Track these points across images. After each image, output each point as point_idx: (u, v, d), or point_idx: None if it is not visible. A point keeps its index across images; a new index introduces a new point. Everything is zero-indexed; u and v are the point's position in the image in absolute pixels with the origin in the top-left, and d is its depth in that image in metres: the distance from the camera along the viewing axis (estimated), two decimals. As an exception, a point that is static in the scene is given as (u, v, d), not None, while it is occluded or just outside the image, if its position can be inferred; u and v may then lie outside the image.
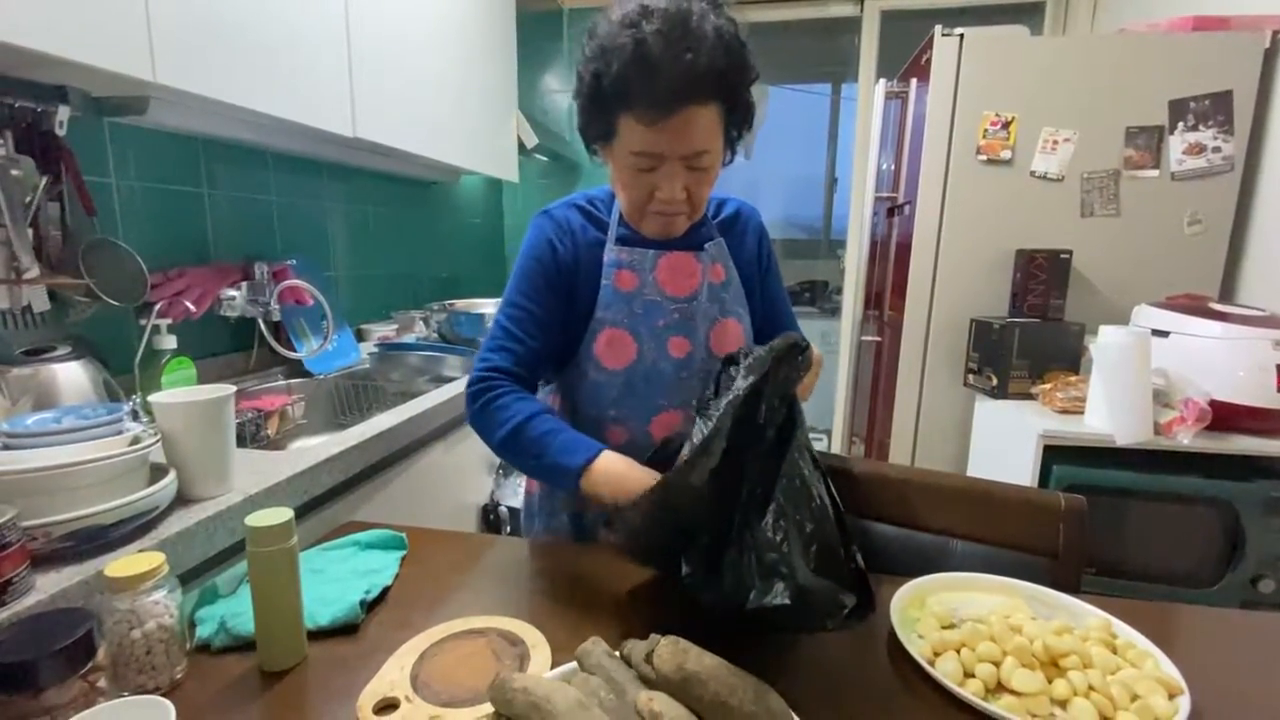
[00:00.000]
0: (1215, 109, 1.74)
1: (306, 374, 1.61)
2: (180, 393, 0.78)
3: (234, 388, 0.79)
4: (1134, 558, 1.45)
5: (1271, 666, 0.64)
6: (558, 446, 0.75)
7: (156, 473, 0.74)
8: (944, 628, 0.66)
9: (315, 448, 0.95)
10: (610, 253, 0.90)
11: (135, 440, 0.71)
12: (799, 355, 0.71)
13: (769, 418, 0.66)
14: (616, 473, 0.72)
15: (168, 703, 0.43)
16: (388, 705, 0.55)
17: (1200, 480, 1.40)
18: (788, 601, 0.54)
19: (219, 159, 1.48)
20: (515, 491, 1.63)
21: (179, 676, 0.59)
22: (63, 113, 1.08)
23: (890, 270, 2.28)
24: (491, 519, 1.59)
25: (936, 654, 0.62)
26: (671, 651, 0.49)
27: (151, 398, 0.74)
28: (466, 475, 1.44)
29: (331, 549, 0.82)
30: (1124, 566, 1.46)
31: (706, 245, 0.94)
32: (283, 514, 0.60)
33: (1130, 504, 1.43)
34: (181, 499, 0.76)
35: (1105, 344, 1.44)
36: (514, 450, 0.79)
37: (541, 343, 0.87)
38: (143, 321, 1.19)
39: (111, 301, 1.11)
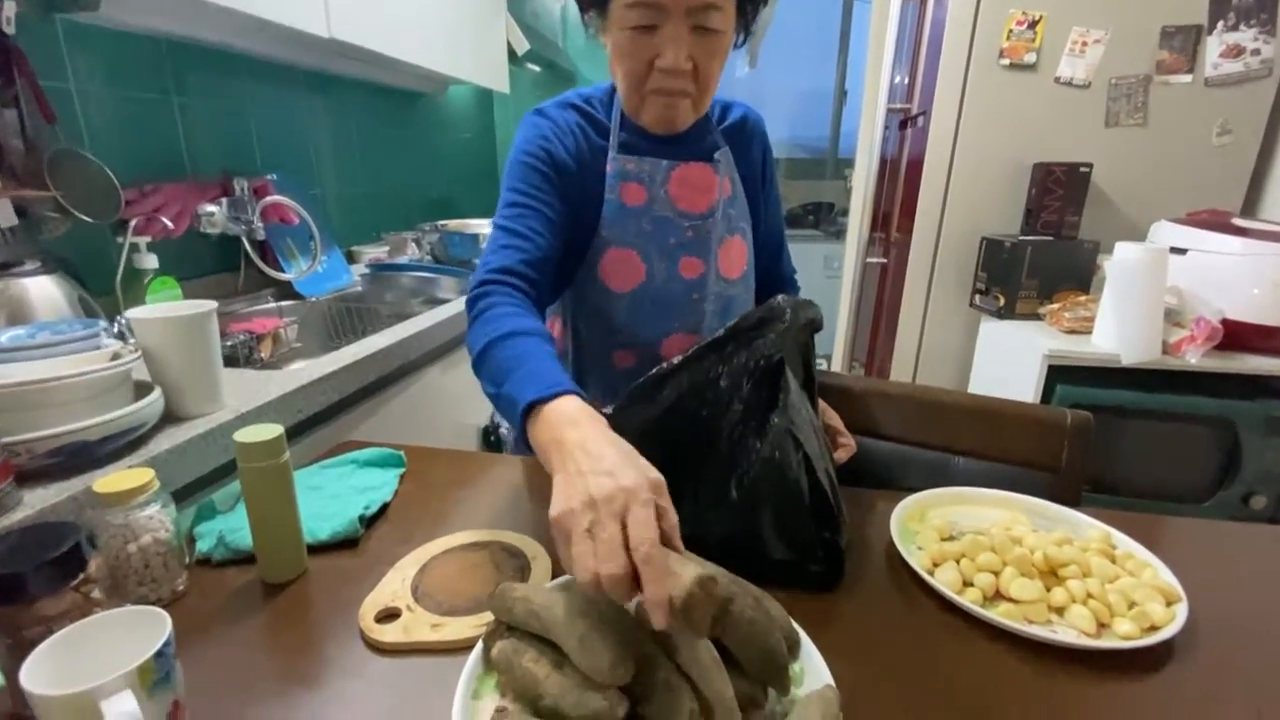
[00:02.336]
0: (1260, 5, 1.61)
1: (298, 296, 1.57)
2: (160, 308, 0.75)
3: (214, 303, 0.76)
4: (1129, 475, 1.47)
5: (1267, 577, 0.64)
6: (522, 375, 0.57)
7: (142, 390, 0.72)
8: (944, 540, 0.66)
9: (308, 368, 0.93)
10: (614, 162, 0.81)
11: (115, 356, 0.69)
12: (811, 330, 0.68)
13: (731, 388, 0.62)
14: (563, 422, 0.51)
15: (163, 613, 0.43)
16: (389, 615, 0.55)
17: (1202, 399, 1.39)
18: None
19: (188, 64, 1.38)
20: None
21: (181, 589, 0.59)
22: (8, 8, 0.98)
23: (899, 190, 2.20)
24: (492, 440, 1.59)
25: (936, 565, 0.62)
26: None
27: (129, 313, 0.71)
28: (465, 397, 1.43)
29: (329, 466, 0.81)
30: (1118, 483, 1.48)
31: (715, 155, 0.87)
32: (272, 430, 0.58)
33: (1129, 423, 1.43)
34: (171, 417, 0.75)
35: (1120, 261, 1.39)
36: (481, 373, 0.64)
37: (551, 242, 0.74)
38: (120, 240, 1.15)
39: (83, 217, 1.06)
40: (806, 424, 0.63)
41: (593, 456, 0.45)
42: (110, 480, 0.55)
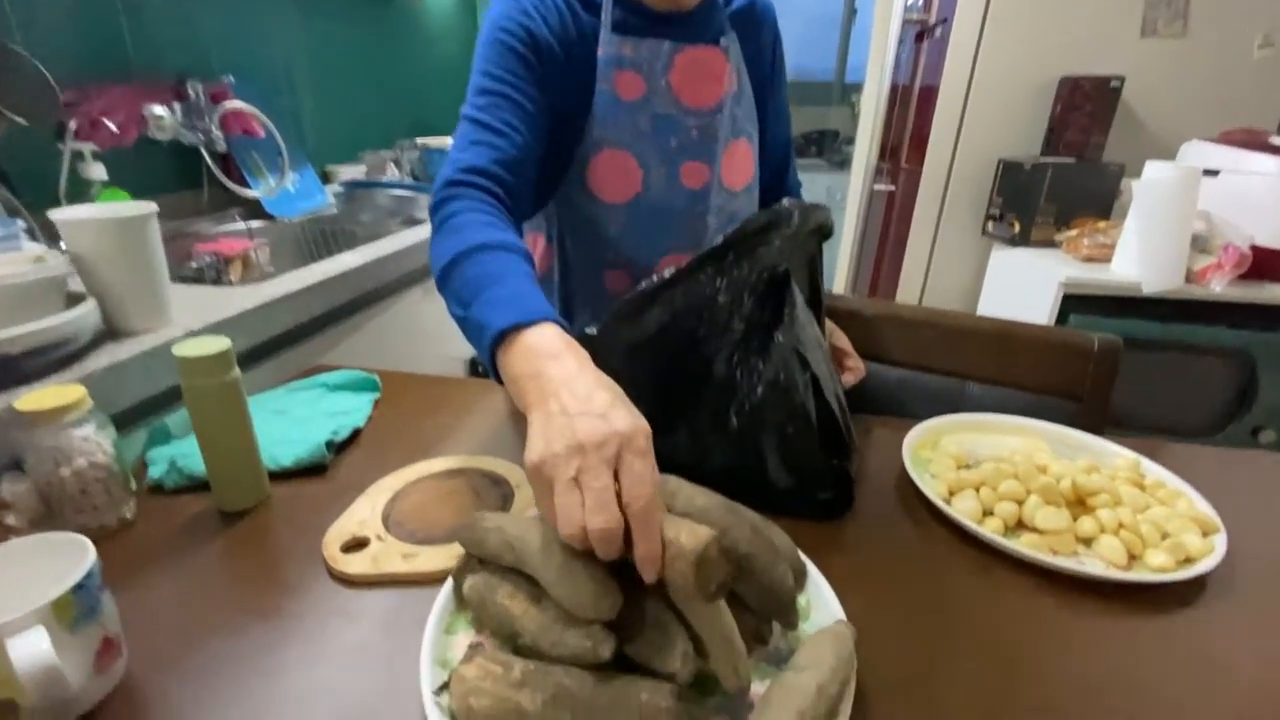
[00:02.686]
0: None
1: (268, 217, 1.47)
2: (92, 208, 0.66)
3: (154, 205, 0.67)
4: (1134, 408, 1.44)
5: (1305, 506, 0.60)
6: (493, 296, 0.48)
7: (74, 302, 0.65)
8: (960, 468, 0.61)
9: (270, 286, 0.85)
10: (607, 45, 0.70)
11: (39, 260, 0.61)
12: (820, 237, 0.60)
13: (731, 304, 0.55)
14: (542, 354, 0.43)
15: (84, 539, 0.37)
16: (357, 544, 0.51)
17: (1220, 330, 1.34)
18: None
19: (126, -53, 1.23)
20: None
21: (129, 516, 0.54)
22: None
23: (910, 118, 2.06)
24: (480, 372, 1.54)
25: (952, 493, 0.58)
26: (664, 483, 0.43)
27: (55, 213, 0.63)
28: (448, 324, 1.35)
29: (296, 390, 0.75)
30: (1122, 417, 1.45)
31: (721, 39, 0.76)
32: (218, 343, 0.51)
33: (1141, 355, 1.38)
34: (112, 334, 0.68)
35: (1149, 181, 1.30)
36: (445, 291, 0.55)
37: (529, 140, 0.64)
38: (61, 146, 1.04)
39: (15, 118, 0.95)
40: (814, 343, 0.57)
41: (579, 396, 0.38)
42: (35, 397, 0.49)
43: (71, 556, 0.38)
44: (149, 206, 0.67)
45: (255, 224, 1.43)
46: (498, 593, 0.40)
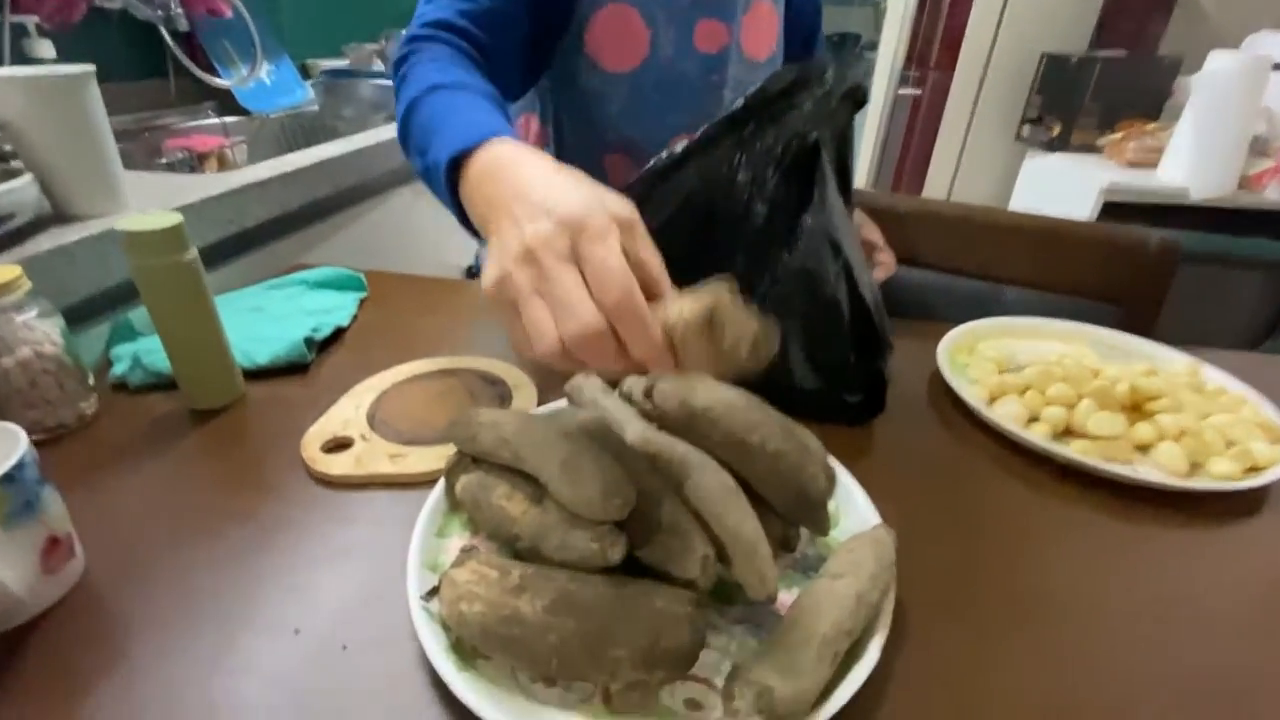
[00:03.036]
0: None
1: (244, 113, 1.35)
2: (18, 69, 0.58)
3: (92, 66, 0.59)
4: (1166, 323, 1.37)
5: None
6: (447, 131, 0.40)
7: (8, 177, 0.57)
8: (1001, 373, 0.56)
9: (241, 174, 0.77)
10: None
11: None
12: (853, 105, 0.50)
13: (752, 183, 0.47)
14: (493, 171, 0.35)
15: (17, 428, 0.32)
16: (339, 445, 0.46)
17: (1265, 242, 1.25)
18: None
19: None
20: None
21: (89, 413, 0.49)
22: None
23: (941, 19, 1.87)
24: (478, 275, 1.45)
25: (993, 399, 0.53)
26: (675, 385, 0.38)
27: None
28: (444, 228, 1.26)
29: (274, 287, 0.69)
30: (1157, 331, 1.38)
31: None
32: (169, 218, 0.45)
33: (1180, 268, 1.30)
34: (59, 218, 0.61)
35: (1211, 74, 1.18)
36: (408, 147, 0.47)
37: None
38: None
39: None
40: (846, 227, 0.50)
41: (532, 201, 0.30)
42: (-37, 279, 0.43)
43: (4, 448, 0.33)
44: (85, 67, 0.58)
45: (231, 119, 1.32)
46: (493, 493, 0.36)
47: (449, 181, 0.38)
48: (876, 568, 0.32)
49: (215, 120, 1.30)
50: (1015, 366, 0.57)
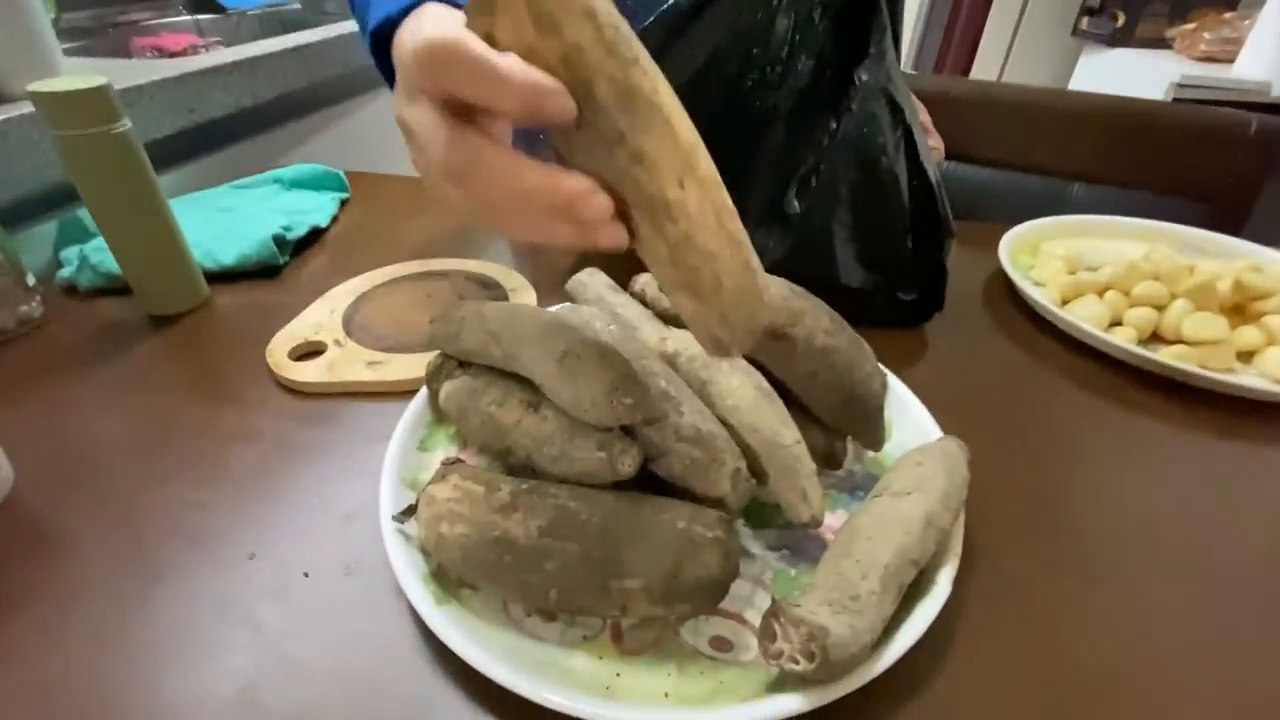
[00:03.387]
0: None
1: (219, 10, 1.23)
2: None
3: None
4: (1260, 225, 1.26)
5: None
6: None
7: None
8: (1073, 273, 0.48)
9: (204, 58, 0.68)
10: None
11: None
12: None
13: (794, 31, 0.38)
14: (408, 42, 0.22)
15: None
16: (311, 352, 0.40)
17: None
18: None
19: None
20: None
21: (34, 315, 0.44)
22: None
23: None
24: None
25: (1066, 301, 0.46)
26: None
27: None
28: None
29: (243, 187, 0.62)
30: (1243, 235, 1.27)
31: None
32: (91, 79, 0.37)
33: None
34: (-11, 99, 0.54)
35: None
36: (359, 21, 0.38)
37: None
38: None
39: None
40: (904, 86, 0.42)
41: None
42: None
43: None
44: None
45: (204, 17, 1.20)
46: (482, 400, 0.30)
47: (377, 59, 0.31)
48: (948, 485, 0.26)
49: (187, 18, 1.19)
50: (1087, 269, 0.50)
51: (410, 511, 0.27)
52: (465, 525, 0.24)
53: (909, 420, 0.33)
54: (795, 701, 0.21)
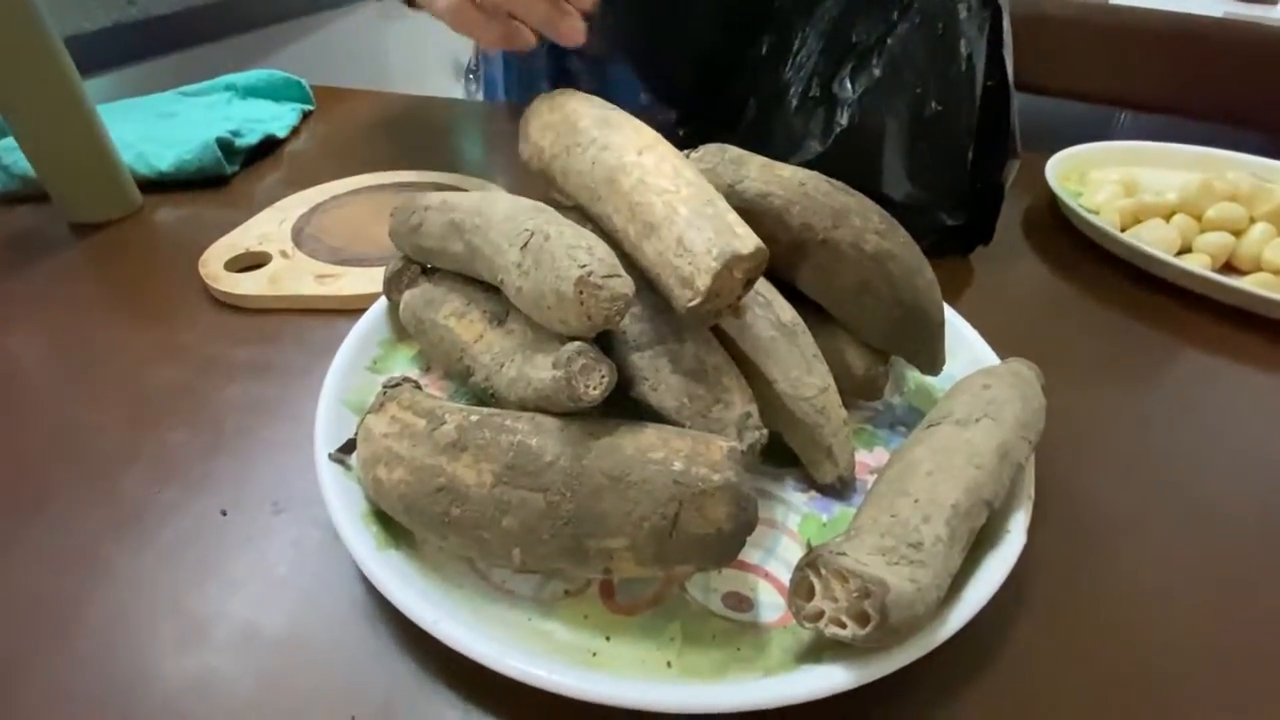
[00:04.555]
0: None
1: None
2: None
3: None
4: None
5: None
6: None
7: None
8: (1132, 197, 0.43)
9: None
10: None
11: None
12: None
13: None
14: None
15: None
16: (254, 265, 0.35)
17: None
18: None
19: None
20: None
21: (-68, 224, 0.38)
22: None
23: None
24: (471, 78, 1.24)
25: (1125, 227, 0.40)
26: (718, 155, 0.25)
27: None
28: (419, 52, 1.06)
29: (192, 94, 0.55)
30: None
31: None
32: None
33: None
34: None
35: None
36: None
37: None
38: None
39: None
40: None
41: None
42: None
43: None
44: None
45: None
46: (441, 310, 0.25)
47: None
48: (1024, 411, 0.21)
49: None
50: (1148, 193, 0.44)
51: (350, 447, 0.22)
52: (405, 470, 0.19)
53: (963, 346, 0.28)
54: (837, 676, 0.16)
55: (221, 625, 0.19)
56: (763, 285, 0.24)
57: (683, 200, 0.20)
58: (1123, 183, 0.44)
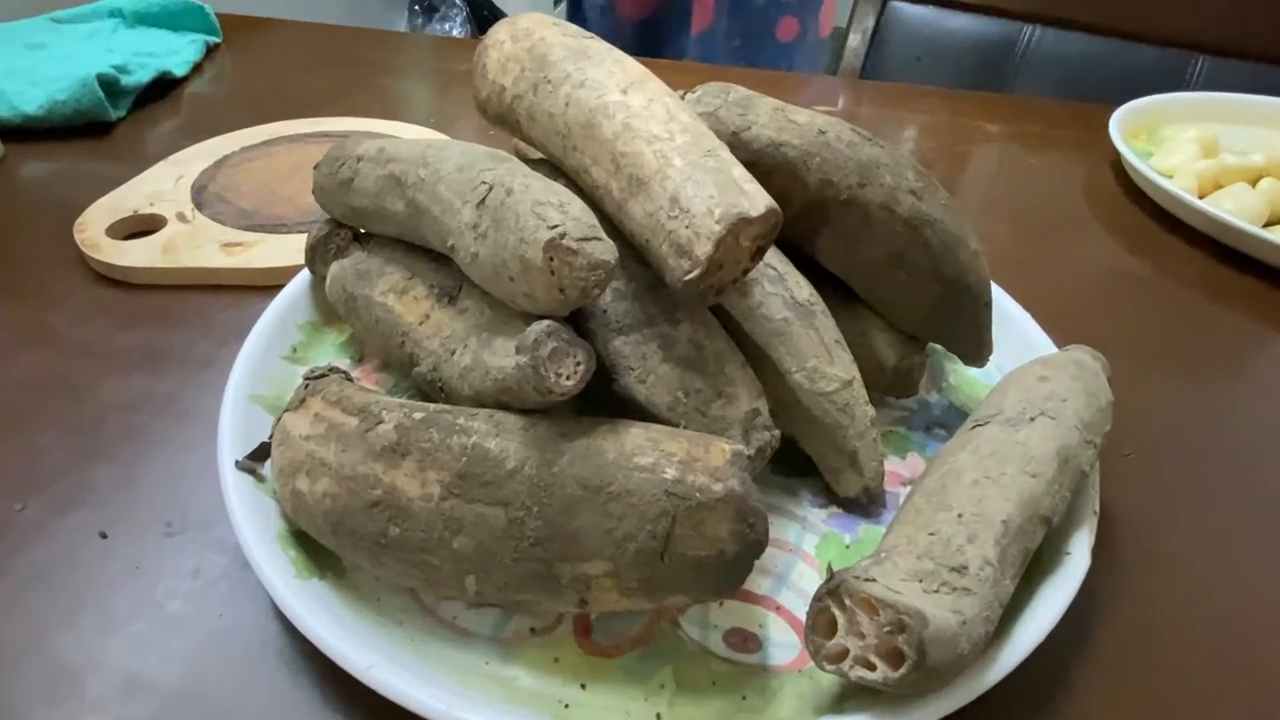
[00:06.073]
0: None
1: None
2: None
3: None
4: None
5: None
6: None
7: None
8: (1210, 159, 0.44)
9: None
10: None
11: None
12: None
13: None
14: None
15: None
16: (144, 230, 0.35)
17: None
18: None
19: None
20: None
21: None
22: None
23: None
24: (417, 8, 1.22)
25: (1205, 193, 0.41)
26: (721, 96, 0.25)
27: None
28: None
29: (67, 20, 0.55)
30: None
31: None
32: None
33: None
34: None
35: None
36: None
37: None
38: None
39: None
40: None
41: None
42: None
43: None
44: None
45: None
46: (377, 285, 0.25)
47: None
48: (1087, 410, 0.21)
49: None
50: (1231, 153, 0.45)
51: (263, 453, 0.22)
52: (331, 480, 0.19)
53: (1014, 335, 0.28)
54: (864, 729, 0.16)
55: (99, 676, 0.19)
56: (774, 256, 0.24)
57: (678, 150, 0.20)
58: (1200, 141, 0.46)
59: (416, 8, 1.22)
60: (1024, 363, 0.24)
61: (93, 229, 0.34)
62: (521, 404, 0.19)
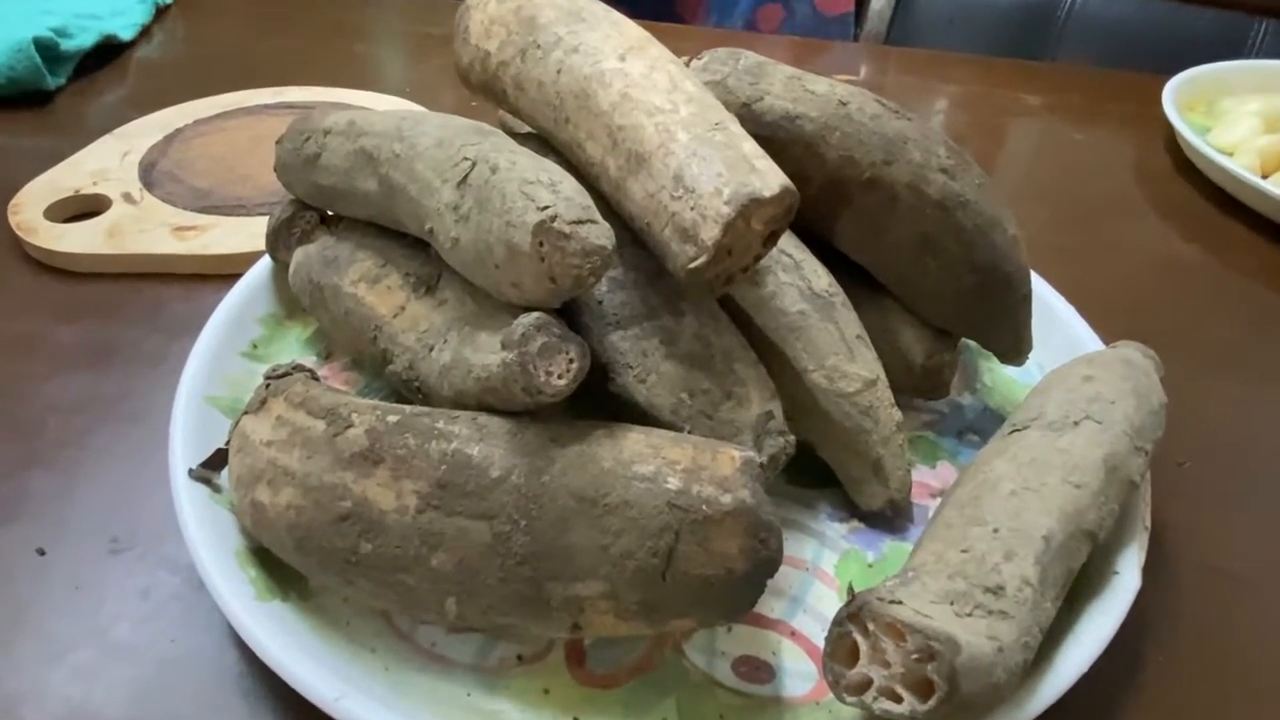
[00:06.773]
0: None
1: None
2: None
3: None
4: None
5: None
6: None
7: None
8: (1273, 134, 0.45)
9: None
10: None
11: None
12: None
13: None
14: None
15: None
16: (87, 212, 0.36)
17: None
18: None
19: None
20: None
21: None
22: None
23: None
24: None
25: (1268, 172, 0.43)
26: (730, 63, 0.25)
27: None
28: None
29: (0, -24, 0.54)
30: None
31: None
32: None
33: None
34: None
35: None
36: None
37: None
38: None
39: None
40: None
41: None
42: None
43: None
44: None
45: None
46: (346, 274, 0.25)
47: None
48: (1138, 414, 0.21)
49: None
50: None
51: (219, 461, 0.22)
52: (295, 490, 0.19)
53: (1056, 330, 0.29)
54: (889, 768, 0.16)
55: (37, 708, 0.19)
56: (789, 241, 0.24)
57: (682, 123, 0.20)
58: (1263, 115, 0.47)
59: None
60: (1067, 361, 0.25)
61: (29, 211, 0.35)
62: (508, 406, 0.19)
